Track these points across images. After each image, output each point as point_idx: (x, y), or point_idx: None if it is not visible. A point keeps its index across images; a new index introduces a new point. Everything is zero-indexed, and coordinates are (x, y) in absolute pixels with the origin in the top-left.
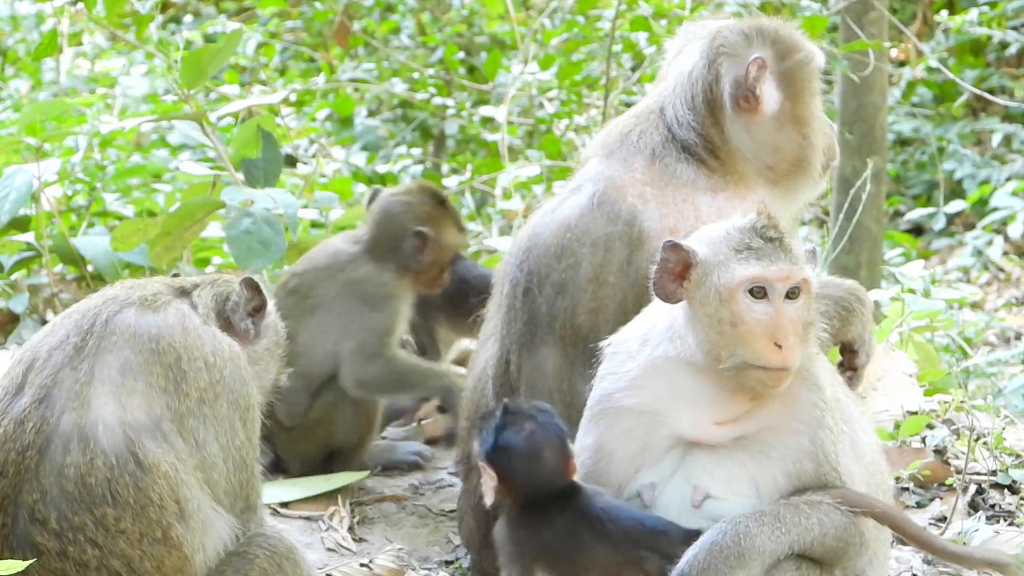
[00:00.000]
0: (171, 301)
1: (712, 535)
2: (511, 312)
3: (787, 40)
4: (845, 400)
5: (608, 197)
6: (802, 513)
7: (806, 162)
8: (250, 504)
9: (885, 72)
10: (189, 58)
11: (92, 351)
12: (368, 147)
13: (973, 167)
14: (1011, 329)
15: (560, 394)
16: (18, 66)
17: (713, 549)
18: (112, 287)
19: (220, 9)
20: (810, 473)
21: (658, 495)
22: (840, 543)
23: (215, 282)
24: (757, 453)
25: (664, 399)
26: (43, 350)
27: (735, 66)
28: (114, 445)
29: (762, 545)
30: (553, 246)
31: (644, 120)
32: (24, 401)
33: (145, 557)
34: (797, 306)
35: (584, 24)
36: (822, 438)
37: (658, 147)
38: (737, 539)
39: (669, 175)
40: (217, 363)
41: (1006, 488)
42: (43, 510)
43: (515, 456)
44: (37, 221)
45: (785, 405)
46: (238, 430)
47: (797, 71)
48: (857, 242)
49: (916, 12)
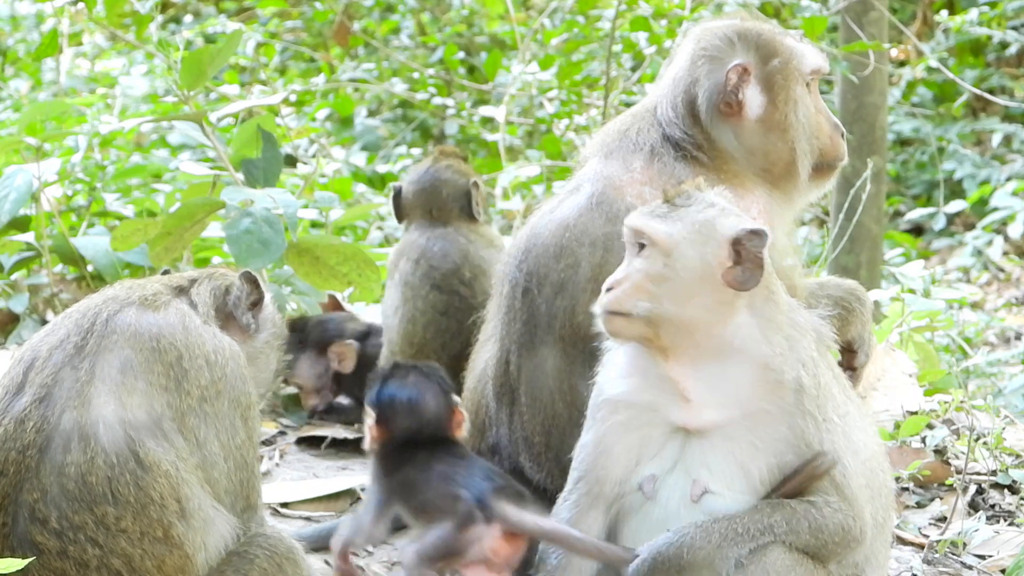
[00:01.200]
0: (171, 300)
1: (657, 545)
2: (510, 312)
3: (769, 44)
4: (839, 394)
5: (607, 197)
6: (763, 514)
7: (792, 166)
8: (250, 503)
9: (885, 72)
10: (188, 59)
11: (93, 350)
12: (368, 147)
13: (973, 167)
14: (1011, 329)
15: (560, 394)
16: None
17: (656, 560)
18: (112, 287)
19: (220, 9)
20: (793, 466)
21: (659, 487)
22: (817, 540)
23: (212, 276)
24: (746, 444)
25: (649, 387)
26: (43, 349)
27: (716, 71)
28: (115, 444)
29: (707, 556)
30: (552, 246)
31: (641, 119)
32: (24, 400)
33: (146, 556)
34: (640, 257)
35: (584, 24)
36: (802, 426)
37: (656, 146)
38: (680, 551)
39: (667, 174)
40: (218, 361)
41: (1006, 488)
42: (43, 509)
43: (397, 404)
44: (37, 221)
45: (764, 389)
46: (239, 429)
47: (777, 75)
48: (857, 242)
49: (916, 12)
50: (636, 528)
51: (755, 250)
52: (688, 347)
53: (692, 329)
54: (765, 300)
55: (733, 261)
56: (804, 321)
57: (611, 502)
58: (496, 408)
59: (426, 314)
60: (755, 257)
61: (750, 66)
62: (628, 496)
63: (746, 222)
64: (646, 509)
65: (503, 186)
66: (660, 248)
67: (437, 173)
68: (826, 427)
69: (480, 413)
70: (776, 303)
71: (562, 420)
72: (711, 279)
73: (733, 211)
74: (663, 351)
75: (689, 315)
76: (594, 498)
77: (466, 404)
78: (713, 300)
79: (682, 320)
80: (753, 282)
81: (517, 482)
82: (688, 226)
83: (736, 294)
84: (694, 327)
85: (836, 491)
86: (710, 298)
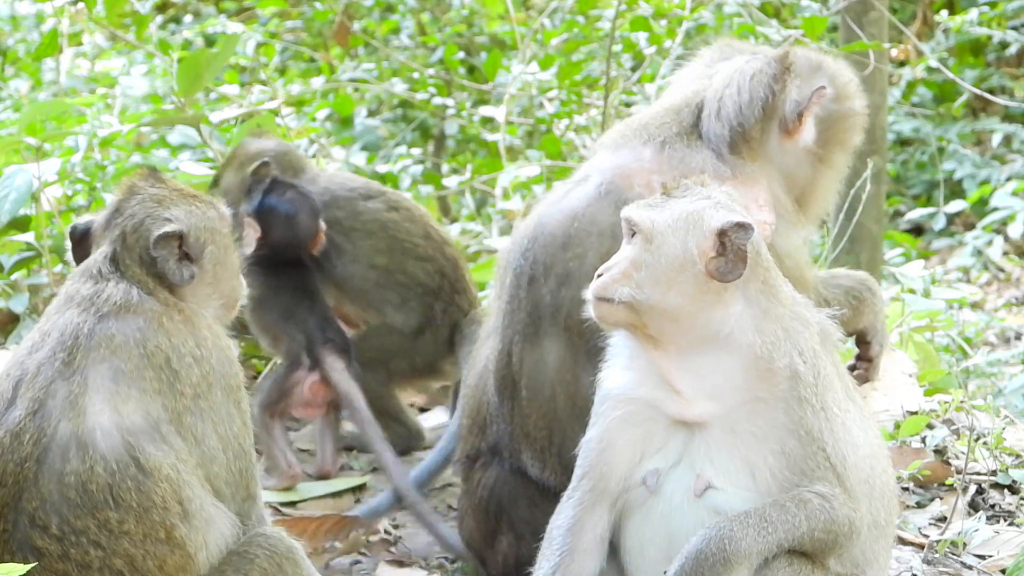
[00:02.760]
0: (139, 300)
1: (697, 543)
2: (514, 302)
3: (848, 86)
4: (841, 390)
5: (615, 186)
6: (788, 511)
7: (807, 205)
8: (251, 492)
9: (885, 72)
10: (185, 64)
11: (82, 363)
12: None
13: (973, 167)
14: (1011, 329)
15: (563, 386)
16: (18, 66)
17: (699, 557)
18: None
19: (220, 9)
20: (797, 453)
21: (662, 482)
22: (829, 535)
23: (127, 248)
24: (746, 435)
25: (645, 382)
26: (31, 365)
27: (802, 88)
28: (114, 451)
29: (747, 548)
30: (559, 235)
31: (669, 114)
32: (18, 413)
33: (148, 556)
34: (630, 244)
35: (584, 24)
36: (799, 413)
37: (670, 137)
38: (722, 545)
39: (677, 162)
40: (204, 354)
41: (1006, 488)
42: (43, 516)
43: (276, 215)
44: (37, 221)
45: (756, 378)
46: (234, 416)
47: (845, 119)
48: (857, 242)
49: (916, 12)
50: (640, 523)
51: (739, 243)
52: (675, 336)
53: (675, 317)
54: (761, 291)
55: (717, 252)
56: (810, 316)
57: (616, 498)
58: (498, 403)
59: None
60: (739, 250)
61: (826, 97)
62: (632, 491)
63: (735, 215)
64: (650, 504)
65: (503, 186)
66: (643, 235)
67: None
68: (824, 416)
69: (482, 410)
70: (774, 295)
71: (563, 413)
72: (692, 268)
73: (728, 205)
74: (652, 341)
75: (670, 303)
76: (599, 494)
77: (467, 402)
78: (695, 289)
79: (664, 308)
80: (735, 275)
81: (344, 336)
82: (674, 214)
83: (725, 285)
84: (677, 315)
85: (839, 482)
86: (692, 287)
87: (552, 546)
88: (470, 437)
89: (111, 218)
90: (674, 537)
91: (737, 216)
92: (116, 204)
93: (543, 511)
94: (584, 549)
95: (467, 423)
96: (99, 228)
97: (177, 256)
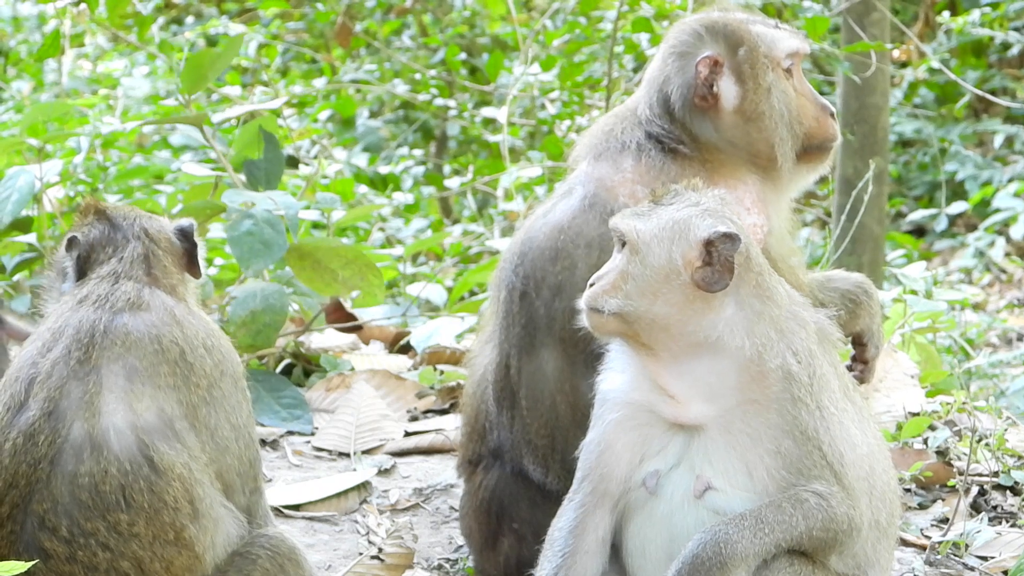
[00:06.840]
0: (151, 295)
1: (693, 547)
2: (509, 317)
3: (736, 33)
4: (839, 390)
5: (599, 198)
6: (784, 511)
7: (772, 152)
8: (258, 486)
9: (887, 73)
10: (189, 63)
11: (97, 362)
12: (370, 148)
13: (975, 168)
14: (1013, 330)
15: (563, 395)
16: (20, 67)
17: (696, 562)
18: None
19: (222, 10)
20: (793, 453)
21: (662, 483)
22: (828, 534)
23: (130, 252)
24: (743, 435)
25: (640, 386)
26: (44, 365)
27: (686, 66)
28: (127, 451)
29: (744, 550)
30: (548, 249)
31: (624, 119)
32: (31, 414)
33: (155, 558)
34: (619, 254)
35: (586, 25)
36: (793, 413)
37: (643, 144)
38: (718, 548)
39: (657, 172)
40: (214, 344)
41: (1008, 490)
42: (53, 519)
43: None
44: (39, 222)
45: (749, 380)
46: (242, 404)
47: (745, 63)
48: (859, 243)
49: (918, 13)
50: (641, 525)
51: (726, 253)
52: (668, 343)
53: (665, 326)
54: (753, 294)
55: (703, 262)
56: (807, 316)
57: (617, 500)
58: (497, 412)
59: None
60: (725, 260)
61: (720, 57)
62: (632, 493)
63: (722, 224)
64: (650, 506)
65: (505, 187)
66: (630, 245)
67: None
68: (820, 415)
69: (480, 418)
70: (768, 296)
71: (565, 421)
72: (678, 279)
73: (717, 212)
74: (646, 348)
75: (658, 312)
76: (599, 497)
77: (465, 409)
78: (683, 298)
79: (653, 318)
80: (721, 285)
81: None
82: (660, 224)
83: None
84: (667, 324)
85: (836, 480)
86: (679, 296)
87: (554, 548)
88: (470, 443)
89: (109, 233)
90: (675, 538)
91: (724, 226)
92: (105, 226)
93: (544, 512)
94: (586, 551)
95: (466, 430)
96: (96, 243)
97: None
